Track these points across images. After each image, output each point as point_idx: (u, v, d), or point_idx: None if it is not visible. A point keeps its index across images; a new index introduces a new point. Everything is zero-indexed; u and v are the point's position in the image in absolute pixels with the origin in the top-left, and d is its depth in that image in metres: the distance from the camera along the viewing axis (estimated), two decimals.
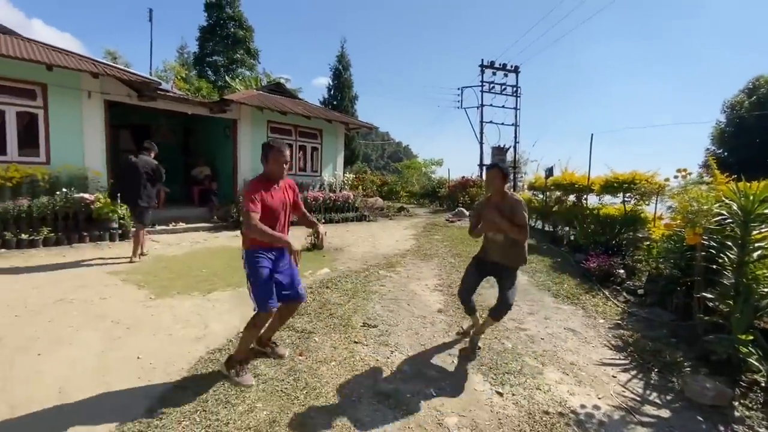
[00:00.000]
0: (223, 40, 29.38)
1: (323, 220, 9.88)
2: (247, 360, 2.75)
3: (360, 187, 13.22)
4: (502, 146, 18.63)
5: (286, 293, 2.75)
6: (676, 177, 3.52)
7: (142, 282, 4.71)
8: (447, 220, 12.56)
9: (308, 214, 3.10)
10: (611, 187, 7.03)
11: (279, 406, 2.37)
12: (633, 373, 3.23)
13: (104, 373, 2.63)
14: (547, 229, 10.64)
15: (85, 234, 6.69)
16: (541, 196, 11.21)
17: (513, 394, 2.77)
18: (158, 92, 7.96)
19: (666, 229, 3.54)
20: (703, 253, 3.47)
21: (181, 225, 8.27)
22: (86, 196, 6.71)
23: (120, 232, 7.06)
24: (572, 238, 8.44)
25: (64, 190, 6.64)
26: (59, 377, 2.55)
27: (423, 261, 6.64)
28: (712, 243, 3.59)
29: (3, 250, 5.92)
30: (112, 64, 7.57)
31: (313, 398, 2.49)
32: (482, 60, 18.28)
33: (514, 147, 18.85)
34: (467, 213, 13.55)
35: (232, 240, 7.77)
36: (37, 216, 6.34)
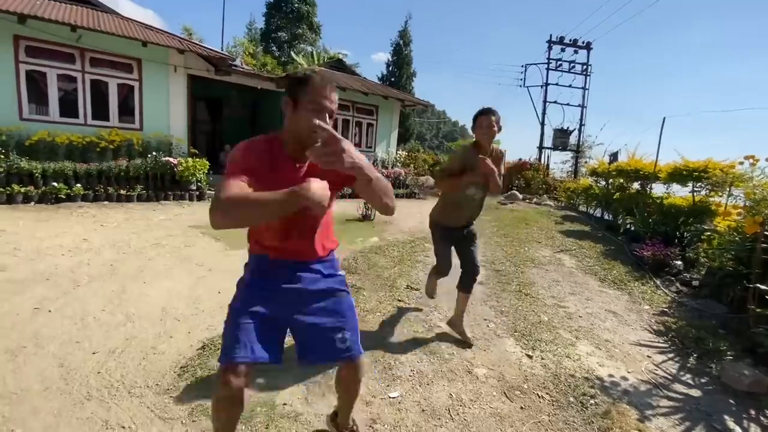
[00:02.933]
0: (288, 15, 30.19)
1: None
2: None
3: (412, 165, 13.41)
4: (565, 128, 17.70)
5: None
6: (741, 164, 3.35)
7: (218, 236, 5.40)
8: (499, 202, 12.42)
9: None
10: (680, 175, 6.62)
11: None
12: (670, 355, 3.27)
13: (194, 301, 3.23)
14: (606, 217, 10.20)
15: (170, 193, 7.67)
16: (602, 182, 10.71)
17: (542, 358, 2.97)
18: (232, 67, 8.66)
19: (725, 217, 3.41)
20: (764, 245, 3.33)
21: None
22: (172, 159, 7.64)
23: (198, 193, 7.97)
24: (631, 227, 8.08)
25: (153, 153, 7.61)
26: (162, 300, 3.18)
27: None
28: None
29: (106, 201, 6.99)
30: (193, 41, 8.35)
31: (360, 338, 2.88)
32: (551, 35, 17.22)
33: (579, 129, 17.81)
34: (520, 196, 13.29)
35: None
36: (132, 175, 7.37)
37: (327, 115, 1.36)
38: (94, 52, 7.30)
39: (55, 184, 6.49)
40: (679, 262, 5.39)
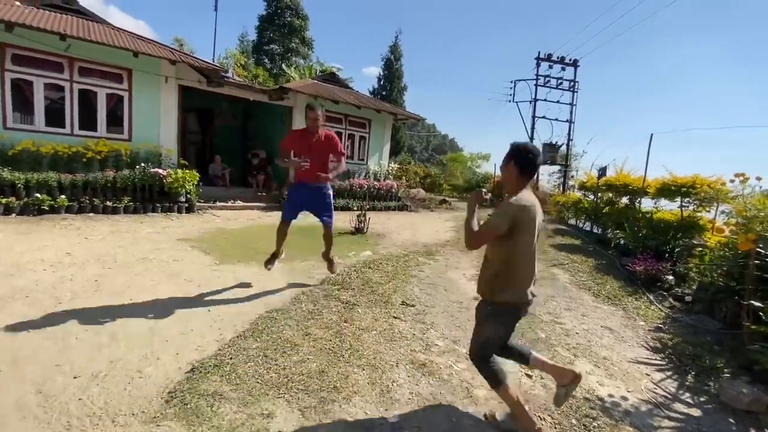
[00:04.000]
0: (280, 28, 30.39)
1: (367, 207, 10.23)
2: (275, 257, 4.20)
3: (404, 177, 13.45)
4: (554, 143, 18.00)
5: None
6: (732, 181, 3.40)
7: (207, 249, 5.28)
8: (489, 215, 12.45)
9: (340, 163, 4.19)
10: (668, 190, 6.73)
11: (327, 361, 2.70)
12: (668, 373, 3.25)
13: (183, 320, 3.10)
14: (596, 231, 10.30)
15: (158, 205, 7.50)
16: (591, 197, 10.85)
17: (541, 378, 2.91)
18: (224, 79, 8.61)
19: (717, 234, 3.44)
20: (757, 262, 3.36)
21: (239, 203, 8.97)
22: (160, 171, 7.50)
23: (186, 205, 7.81)
24: (621, 242, 8.17)
25: (142, 164, 7.46)
26: (149, 319, 3.05)
27: (462, 252, 6.78)
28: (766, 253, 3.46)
29: (92, 213, 6.80)
30: (186, 52, 8.31)
31: (356, 358, 2.80)
32: (539, 53, 17.66)
33: (568, 144, 18.14)
34: None
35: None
36: (120, 186, 7.20)
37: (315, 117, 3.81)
38: (84, 61, 7.19)
39: (38, 195, 6.29)
40: (671, 277, 5.43)
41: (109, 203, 7.01)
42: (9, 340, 2.56)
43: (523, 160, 2.13)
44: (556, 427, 2.36)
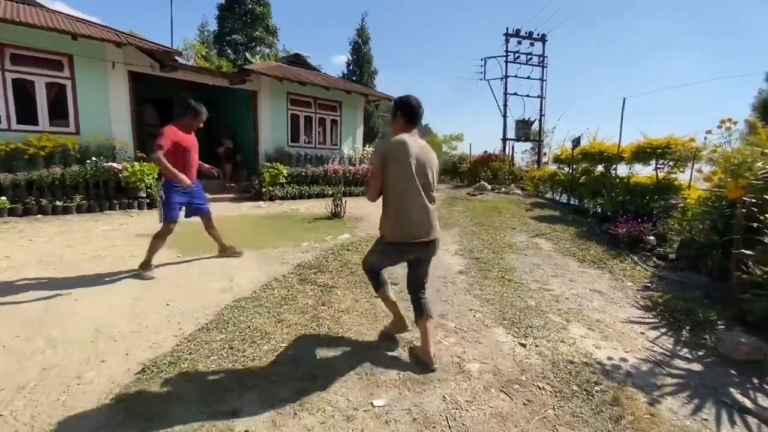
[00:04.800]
0: (242, 17, 29.11)
1: (344, 191, 9.88)
2: (149, 264, 3.66)
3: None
4: (526, 119, 18.01)
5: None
6: (719, 127, 3.28)
7: (169, 243, 4.81)
8: (468, 193, 12.35)
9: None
10: (644, 153, 6.71)
11: (303, 348, 2.42)
12: (662, 330, 3.13)
13: (136, 316, 2.74)
14: (573, 202, 10.32)
15: (116, 202, 6.93)
16: (566, 169, 10.85)
17: (536, 346, 2.73)
18: (178, 63, 8.00)
19: (706, 182, 3.33)
20: (744, 211, 3.27)
21: (206, 195, 8.43)
22: (115, 165, 6.91)
23: (148, 201, 7.26)
24: (599, 210, 8.18)
25: (93, 159, 6.84)
26: (94, 318, 2.67)
27: (444, 229, 6.57)
28: (754, 201, 3.37)
29: (39, 215, 6.19)
30: (133, 34, 7.62)
31: (335, 342, 2.53)
32: (507, 28, 17.47)
33: (540, 120, 18.18)
34: (489, 187, 13.30)
35: (253, 209, 7.91)
36: (70, 183, 6.58)
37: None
38: (16, 47, 6.46)
39: None
40: (653, 238, 5.39)
41: (58, 203, 6.40)
42: None
43: (408, 111, 2.37)
44: (557, 395, 2.17)
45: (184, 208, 3.90)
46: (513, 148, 17.80)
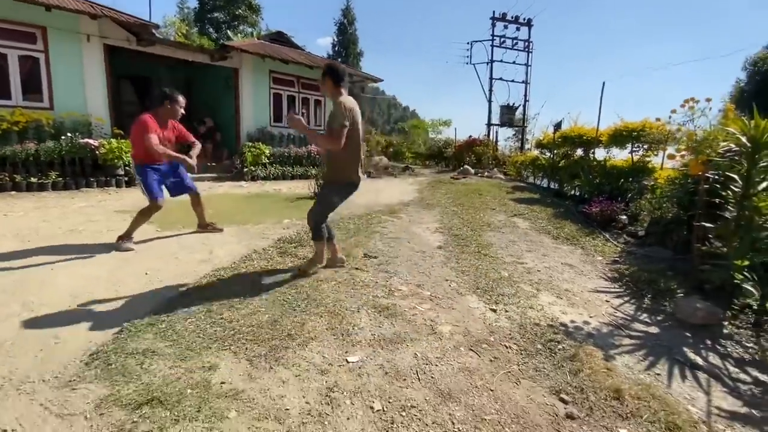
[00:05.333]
0: None
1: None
2: (130, 236, 3.69)
3: (365, 143, 13.07)
4: (511, 105, 18.13)
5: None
6: (682, 107, 3.41)
7: (152, 219, 4.80)
8: (452, 177, 12.47)
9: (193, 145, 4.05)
10: (620, 136, 6.87)
11: (281, 312, 2.49)
12: (626, 299, 3.31)
13: (114, 284, 2.76)
14: (553, 187, 10.55)
15: (93, 180, 6.79)
16: (548, 154, 11.05)
17: (506, 311, 2.86)
18: (156, 37, 7.76)
19: (670, 159, 3.48)
20: (707, 187, 3.44)
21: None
22: (91, 141, 6.74)
23: (126, 179, 7.13)
24: (576, 192, 8.40)
25: (69, 135, 6.66)
26: (71, 286, 2.68)
27: (425, 210, 6.67)
28: (716, 178, 3.54)
29: (14, 192, 6.04)
30: (109, 6, 7.34)
31: (313, 307, 2.60)
32: (494, 12, 17.43)
33: (524, 105, 18.33)
34: (472, 171, 13.44)
35: (234, 188, 7.86)
36: (44, 160, 6.41)
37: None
38: None
39: None
40: (625, 217, 5.59)
41: (33, 179, 6.24)
42: None
43: (334, 74, 2.90)
44: (522, 353, 2.30)
45: (165, 187, 3.89)
46: (497, 133, 17.92)
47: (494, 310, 2.86)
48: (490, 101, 18.08)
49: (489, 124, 18.12)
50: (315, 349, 2.12)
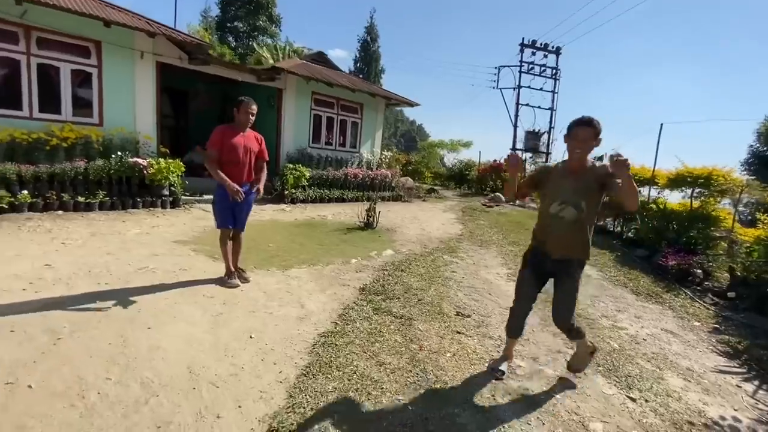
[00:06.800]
0: (246, 5, 28.46)
1: (358, 199, 9.65)
2: (231, 271, 3.64)
3: (397, 166, 12.94)
4: (536, 130, 18.05)
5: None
6: None
7: (213, 254, 4.57)
8: (483, 204, 12.27)
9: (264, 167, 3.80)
10: (683, 181, 6.69)
11: (422, 401, 2.24)
12: (755, 383, 3.06)
13: (226, 352, 2.52)
14: None
15: (139, 200, 6.59)
16: None
17: (646, 401, 2.61)
18: (210, 57, 7.66)
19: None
20: None
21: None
22: (140, 161, 6.56)
23: (171, 199, 6.94)
24: (626, 231, 8.17)
25: (118, 153, 6.49)
26: (182, 354, 2.44)
27: (481, 248, 6.45)
28: None
29: (60, 211, 5.83)
30: (165, 24, 7.24)
31: (451, 394, 2.36)
32: (523, 39, 17.45)
33: (549, 132, 18.24)
34: (503, 198, 13.24)
35: (278, 213, 7.65)
36: (93, 179, 6.22)
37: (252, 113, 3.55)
38: (43, 31, 6.03)
39: None
40: (700, 271, 5.36)
41: (81, 198, 6.03)
42: (5, 403, 1.88)
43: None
44: None
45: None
46: (525, 159, 17.80)
47: (633, 399, 2.61)
48: (515, 126, 18.01)
49: (514, 149, 17.99)
50: None
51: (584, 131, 2.31)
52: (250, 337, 2.75)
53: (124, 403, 1.96)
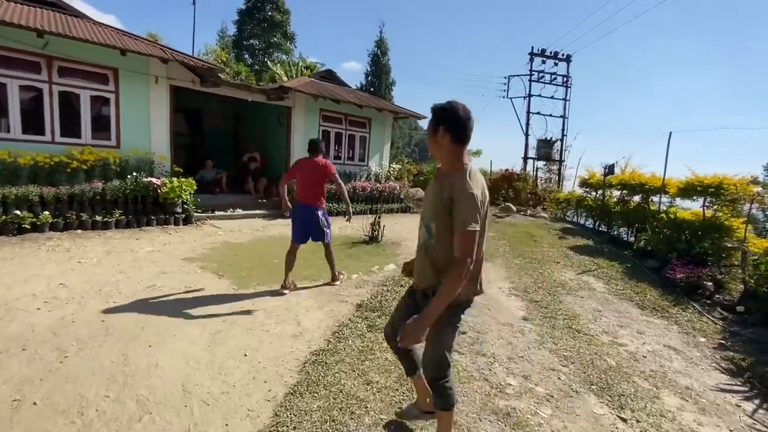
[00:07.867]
0: (261, 23, 29.36)
1: (376, 210, 9.75)
2: (285, 281, 4.21)
3: (405, 178, 13.03)
4: (548, 138, 17.90)
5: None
6: None
7: (220, 271, 4.75)
8: (494, 214, 12.21)
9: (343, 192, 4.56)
10: (693, 190, 6.55)
11: (403, 423, 2.29)
12: (756, 401, 2.98)
13: (219, 370, 2.63)
14: (602, 229, 10.18)
15: (153, 217, 6.86)
16: (594, 193, 10.72)
17: (637, 421, 2.58)
18: (221, 80, 7.99)
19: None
20: None
21: (239, 211, 8.38)
22: (154, 180, 6.85)
23: (184, 216, 7.20)
24: (636, 241, 8.00)
25: (133, 174, 6.80)
26: (178, 372, 2.56)
27: (487, 261, 6.42)
28: None
29: (80, 230, 6.13)
30: (178, 50, 7.61)
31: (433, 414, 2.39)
32: (532, 47, 17.43)
33: (562, 139, 18.03)
34: (514, 208, 13.15)
35: (287, 228, 7.80)
36: (110, 198, 6.52)
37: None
38: (64, 60, 6.45)
39: (17, 212, 5.60)
40: (710, 284, 5.22)
41: (98, 218, 6.34)
42: (11, 419, 2.03)
43: (456, 125, 1.67)
44: None
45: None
46: (537, 168, 17.65)
47: (624, 420, 2.58)
48: (527, 135, 17.91)
49: (525, 158, 17.88)
50: None
51: (429, 126, 1.76)
52: (245, 355, 2.85)
53: (119, 420, 2.08)
